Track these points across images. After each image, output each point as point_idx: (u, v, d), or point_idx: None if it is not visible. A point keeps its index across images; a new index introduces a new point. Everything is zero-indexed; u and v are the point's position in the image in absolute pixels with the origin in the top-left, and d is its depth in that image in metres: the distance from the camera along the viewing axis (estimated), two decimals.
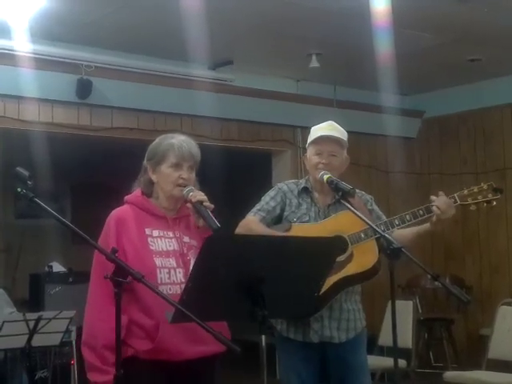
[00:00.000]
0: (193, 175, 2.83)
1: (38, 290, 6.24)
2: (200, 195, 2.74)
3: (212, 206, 2.74)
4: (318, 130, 3.42)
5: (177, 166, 2.79)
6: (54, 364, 5.53)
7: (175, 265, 2.73)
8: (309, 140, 3.46)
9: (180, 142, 2.82)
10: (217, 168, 6.85)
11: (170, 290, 2.66)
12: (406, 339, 5.70)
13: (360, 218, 3.11)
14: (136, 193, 2.87)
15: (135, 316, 2.66)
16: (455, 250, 7.84)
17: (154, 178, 2.83)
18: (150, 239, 2.75)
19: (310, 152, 3.43)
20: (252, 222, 3.36)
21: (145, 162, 2.88)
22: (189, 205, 2.76)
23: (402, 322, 5.52)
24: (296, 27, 5.79)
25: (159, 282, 2.66)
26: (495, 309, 5.61)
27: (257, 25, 5.73)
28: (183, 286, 2.60)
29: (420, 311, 7.33)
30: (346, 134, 3.45)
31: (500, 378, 5.04)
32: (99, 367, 2.62)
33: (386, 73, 6.32)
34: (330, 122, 3.47)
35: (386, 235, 3.00)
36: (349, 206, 3.14)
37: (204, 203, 2.72)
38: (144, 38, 5.96)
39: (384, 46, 5.83)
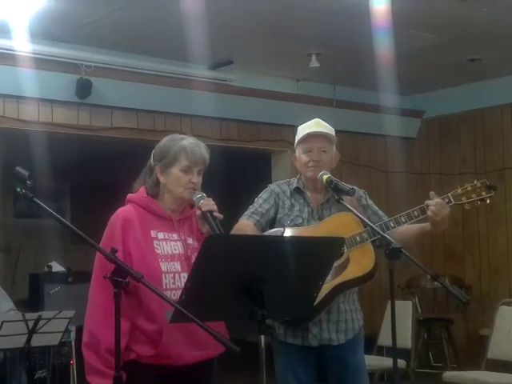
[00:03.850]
0: (200, 179, 2.81)
1: (38, 289, 6.24)
2: (211, 205, 2.72)
3: (221, 216, 2.72)
4: (306, 129, 3.40)
5: (188, 169, 2.76)
6: (53, 364, 5.51)
7: (180, 269, 2.71)
8: (296, 139, 3.44)
9: (192, 145, 2.78)
10: (216, 168, 6.83)
11: (174, 295, 2.61)
12: (406, 339, 5.70)
13: (360, 218, 3.11)
14: (141, 193, 2.82)
15: (138, 321, 2.64)
16: (455, 251, 7.84)
17: (162, 179, 2.79)
18: (155, 242, 2.72)
19: (299, 151, 3.41)
20: (246, 227, 3.33)
21: (152, 162, 2.84)
22: (198, 212, 2.74)
23: (402, 322, 5.52)
24: (296, 27, 5.79)
25: (164, 287, 2.64)
26: (495, 309, 5.62)
27: (257, 25, 5.73)
28: None
29: (419, 311, 7.34)
30: (333, 130, 3.44)
31: (499, 379, 5.04)
32: (101, 370, 2.59)
33: (385, 73, 6.32)
34: (316, 119, 3.45)
35: (386, 235, 2.99)
36: (349, 207, 3.13)
37: (214, 213, 2.70)
38: (144, 38, 5.96)
39: (384, 46, 5.82)
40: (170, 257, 2.71)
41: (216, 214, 2.70)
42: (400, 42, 5.79)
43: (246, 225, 3.35)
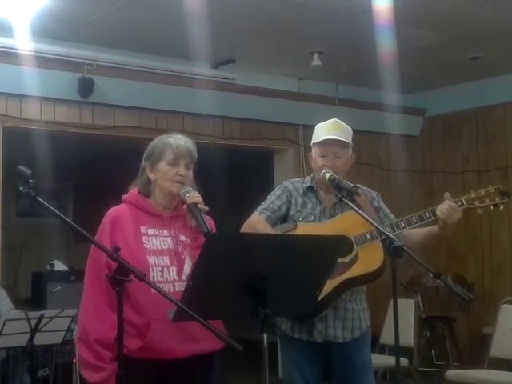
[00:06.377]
0: (190, 173, 2.85)
1: (40, 288, 6.25)
2: (195, 197, 2.76)
3: (206, 208, 2.76)
4: (324, 131, 3.40)
5: (174, 162, 2.81)
6: (56, 362, 5.52)
7: (169, 263, 2.75)
8: (313, 139, 3.44)
9: (177, 140, 2.86)
10: (218, 167, 6.84)
11: (162, 288, 2.63)
12: (408, 338, 5.69)
13: (364, 218, 3.09)
14: (133, 192, 2.90)
15: (126, 314, 2.62)
16: (457, 249, 7.83)
17: (151, 176, 2.86)
18: (144, 238, 2.77)
19: (315, 152, 3.42)
20: (257, 222, 3.35)
21: (142, 162, 2.91)
22: (184, 206, 2.79)
23: (404, 320, 5.52)
24: (298, 25, 5.78)
25: (152, 279, 2.67)
26: (497, 307, 5.61)
27: (259, 23, 5.73)
28: (176, 283, 2.68)
29: (422, 309, 7.33)
30: (350, 130, 3.45)
31: (502, 377, 5.03)
32: (93, 364, 2.63)
33: (388, 71, 6.32)
34: (334, 120, 3.44)
35: (388, 233, 2.99)
36: (352, 205, 3.12)
37: (199, 205, 2.74)
38: (146, 37, 5.96)
39: (386, 44, 5.83)
40: (159, 251, 2.76)
41: (201, 206, 2.74)
42: (402, 40, 5.79)
43: (256, 220, 3.37)
